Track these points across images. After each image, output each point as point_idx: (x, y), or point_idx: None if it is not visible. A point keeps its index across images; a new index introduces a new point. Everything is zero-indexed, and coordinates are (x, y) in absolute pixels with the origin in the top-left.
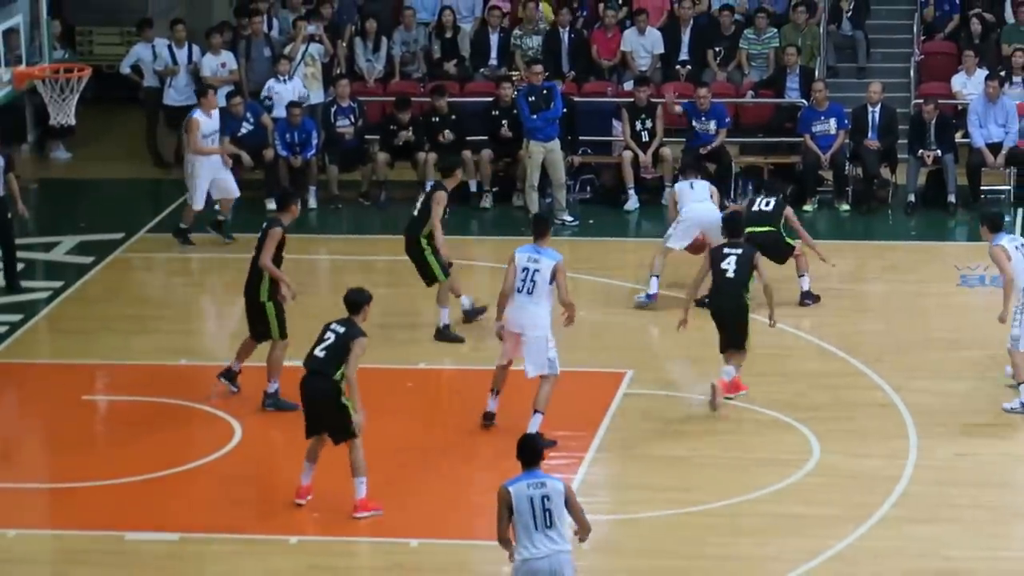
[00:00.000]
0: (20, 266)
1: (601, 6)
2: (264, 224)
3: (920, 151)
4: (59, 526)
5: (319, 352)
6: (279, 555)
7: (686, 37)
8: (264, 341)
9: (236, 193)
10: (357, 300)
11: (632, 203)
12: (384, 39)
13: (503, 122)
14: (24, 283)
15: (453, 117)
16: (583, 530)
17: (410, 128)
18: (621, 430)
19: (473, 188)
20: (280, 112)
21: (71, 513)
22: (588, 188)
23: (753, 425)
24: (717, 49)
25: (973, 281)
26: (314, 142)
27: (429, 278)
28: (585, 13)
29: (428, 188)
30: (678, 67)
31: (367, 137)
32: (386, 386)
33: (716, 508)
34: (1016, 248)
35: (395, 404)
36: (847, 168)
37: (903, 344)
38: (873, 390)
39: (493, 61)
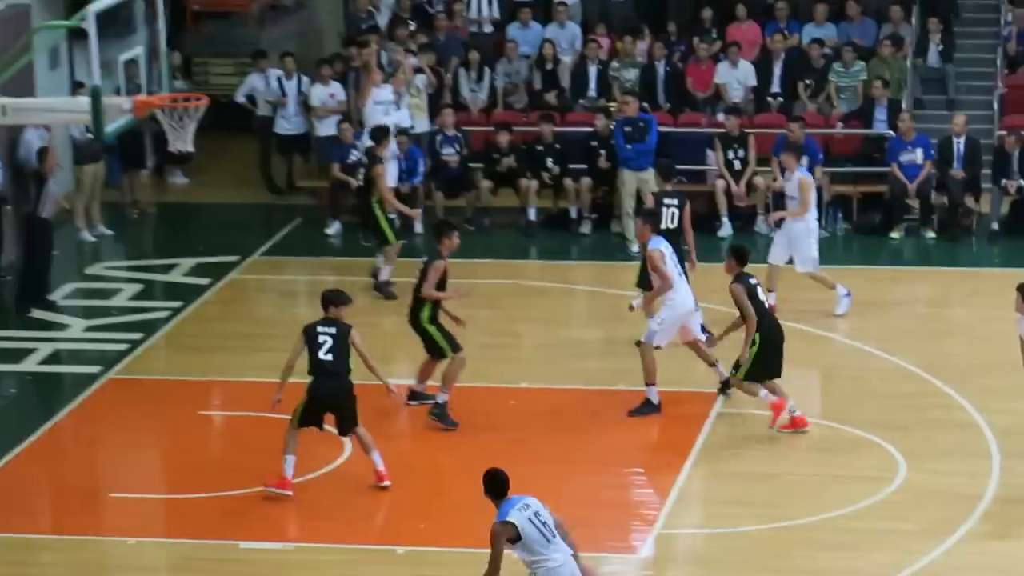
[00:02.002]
0: (128, 289)
1: (696, 40)
2: (425, 259)
3: (1003, 181)
4: (176, 535)
5: (326, 355)
6: (386, 564)
7: (777, 70)
8: (442, 359)
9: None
10: (335, 299)
11: (725, 230)
12: (487, 70)
13: (601, 152)
14: (144, 303)
15: (556, 146)
16: (563, 533)
17: (512, 155)
18: (713, 448)
19: (573, 215)
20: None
21: (188, 522)
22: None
23: (840, 443)
24: (807, 82)
25: None
26: (420, 169)
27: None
28: (681, 47)
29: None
30: (769, 99)
31: (471, 165)
32: (489, 405)
33: (803, 524)
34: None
35: (498, 421)
36: (933, 197)
37: (986, 366)
38: (957, 410)
39: (592, 92)
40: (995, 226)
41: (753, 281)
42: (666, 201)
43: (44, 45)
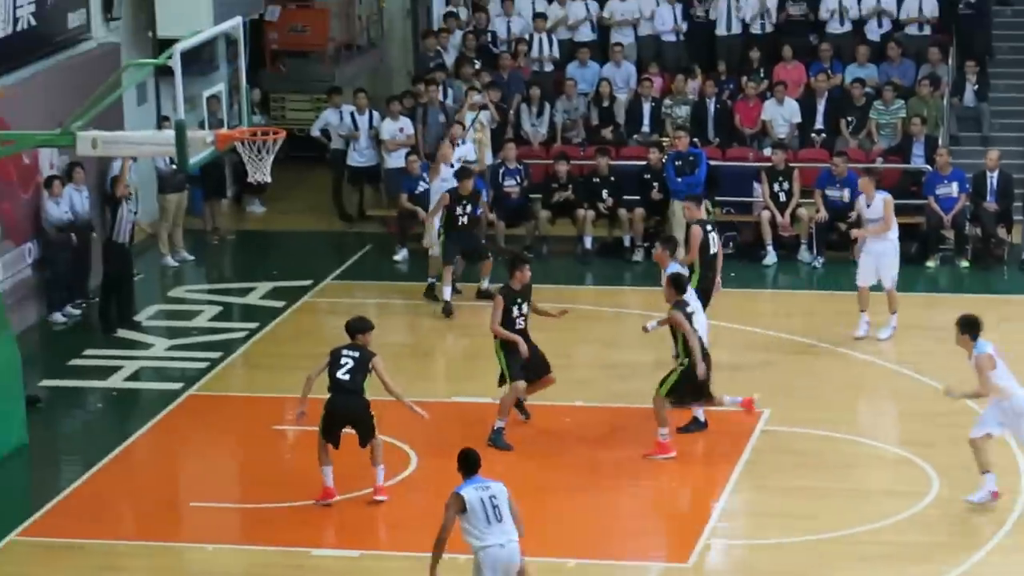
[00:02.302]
0: (209, 310)
1: (744, 79)
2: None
3: None
4: (251, 542)
5: (344, 375)
6: (450, 572)
7: (821, 107)
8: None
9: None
10: (360, 327)
11: (770, 258)
12: (548, 106)
13: (654, 184)
14: (223, 324)
15: (611, 178)
16: (519, 528)
17: (569, 187)
18: (758, 463)
19: (627, 243)
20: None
21: (262, 530)
22: (730, 244)
23: (877, 460)
24: (849, 119)
25: None
26: (485, 192)
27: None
28: (731, 85)
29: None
30: (813, 135)
31: (531, 196)
32: (546, 422)
33: (843, 536)
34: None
35: (554, 437)
36: (967, 228)
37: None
38: None
39: (645, 128)
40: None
41: (689, 309)
42: (708, 228)
43: (132, 82)
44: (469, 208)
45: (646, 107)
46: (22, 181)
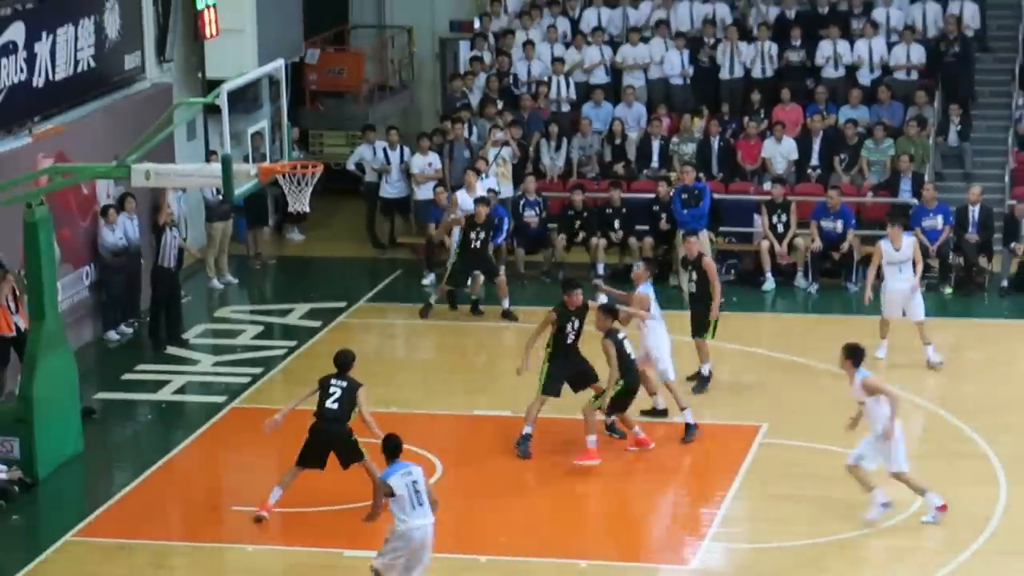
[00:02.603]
0: (251, 330)
1: (746, 119)
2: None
3: (1012, 244)
4: (288, 543)
5: (332, 404)
6: (472, 572)
7: (816, 146)
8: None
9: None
10: (346, 360)
11: (769, 284)
12: (565, 142)
13: (662, 215)
14: (264, 342)
15: (623, 210)
16: (432, 503)
17: (585, 214)
18: (757, 473)
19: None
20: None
21: (299, 532)
22: (732, 271)
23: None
24: (842, 156)
25: None
26: (505, 227)
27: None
28: (733, 125)
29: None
30: (809, 171)
31: (549, 225)
32: (566, 434)
33: (837, 540)
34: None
35: (573, 448)
36: (951, 257)
37: (994, 405)
38: (968, 442)
39: (655, 164)
40: (1005, 284)
41: (621, 336)
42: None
43: (183, 119)
44: (482, 234)
45: (655, 144)
46: (80, 210)
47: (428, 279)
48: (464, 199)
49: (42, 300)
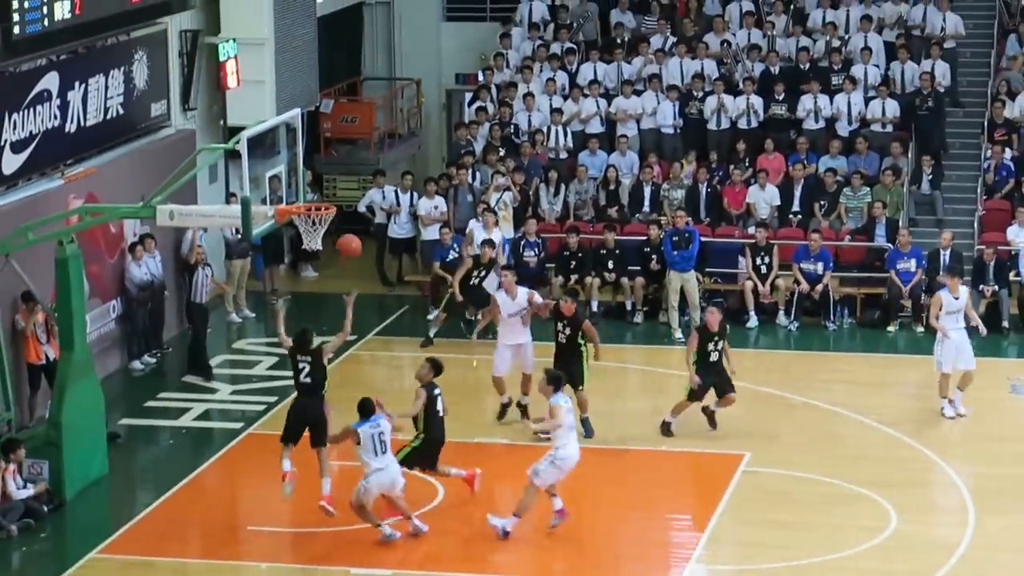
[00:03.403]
0: (267, 360)
1: (731, 167)
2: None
3: (981, 286)
4: (300, 561)
5: (305, 379)
6: None
7: (798, 192)
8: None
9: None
10: (303, 338)
11: (752, 322)
12: (563, 187)
13: (653, 256)
14: (279, 372)
15: (616, 251)
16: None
17: (579, 255)
18: (739, 500)
19: (628, 307)
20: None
21: (310, 551)
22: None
23: (843, 498)
24: (822, 203)
25: (1021, 389)
26: (506, 255)
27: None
28: (720, 172)
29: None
30: (791, 216)
31: (547, 265)
32: None
33: (814, 563)
34: (568, 410)
35: (568, 475)
36: (923, 298)
37: (965, 437)
38: (939, 473)
39: (646, 208)
40: (974, 323)
41: (437, 392)
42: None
43: (205, 163)
44: (483, 273)
45: (647, 190)
46: (109, 248)
47: (433, 314)
48: (479, 235)
49: (71, 332)
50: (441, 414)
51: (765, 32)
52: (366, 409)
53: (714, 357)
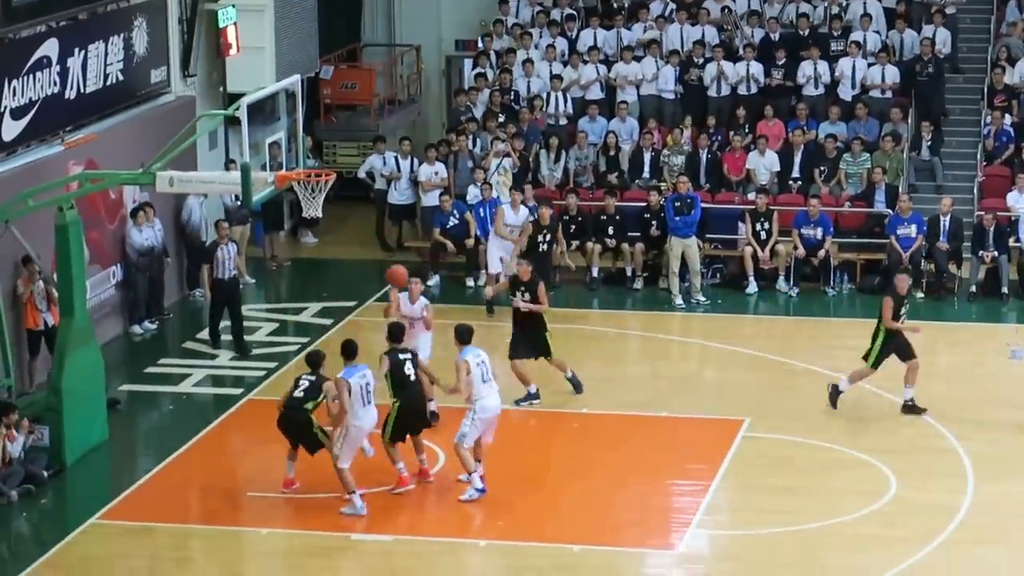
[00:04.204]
0: (267, 326)
1: (732, 133)
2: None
3: (980, 252)
4: (299, 527)
5: (298, 394)
6: (472, 555)
7: (798, 159)
8: None
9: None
10: (316, 359)
11: (752, 287)
12: (563, 153)
13: (653, 223)
14: (279, 339)
15: (616, 217)
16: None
17: (579, 219)
18: (739, 465)
19: (628, 273)
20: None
21: (308, 517)
22: (718, 275)
23: (844, 464)
24: (822, 168)
25: (1021, 355)
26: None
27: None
28: (718, 137)
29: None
30: (791, 182)
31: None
32: (557, 426)
33: (814, 528)
34: (478, 364)
35: (564, 440)
36: (923, 264)
37: (963, 403)
38: (939, 438)
39: (646, 174)
40: (973, 289)
41: (402, 356)
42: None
43: (205, 130)
44: (548, 236)
45: (647, 156)
46: (109, 214)
47: (433, 280)
48: (510, 215)
49: (71, 298)
50: (412, 378)
51: None
52: (350, 352)
53: (903, 320)
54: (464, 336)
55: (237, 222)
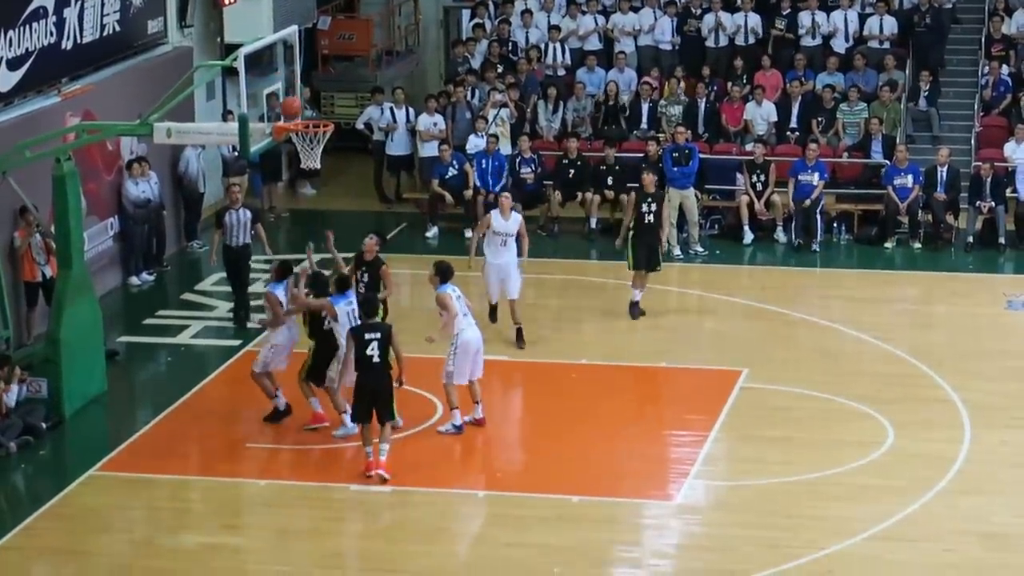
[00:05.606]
0: (264, 277)
1: (729, 84)
2: None
3: (977, 202)
4: (298, 478)
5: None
6: (471, 506)
7: (795, 109)
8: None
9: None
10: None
11: (748, 238)
12: (561, 104)
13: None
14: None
15: (615, 167)
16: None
17: (578, 163)
18: (737, 415)
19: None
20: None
21: (307, 468)
22: (715, 226)
23: (841, 414)
24: (819, 119)
25: (1017, 305)
26: (504, 173)
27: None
28: (715, 87)
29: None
30: (788, 133)
31: (544, 182)
32: (555, 376)
33: (811, 479)
34: (458, 297)
35: (562, 390)
36: (919, 215)
37: (961, 353)
38: (936, 388)
39: (644, 125)
40: (970, 239)
41: (368, 336)
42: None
43: (203, 81)
44: (654, 206)
45: (645, 107)
46: (106, 165)
47: (431, 232)
48: (499, 221)
49: (69, 249)
50: (375, 360)
51: None
52: (341, 285)
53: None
54: (446, 274)
55: (235, 173)
